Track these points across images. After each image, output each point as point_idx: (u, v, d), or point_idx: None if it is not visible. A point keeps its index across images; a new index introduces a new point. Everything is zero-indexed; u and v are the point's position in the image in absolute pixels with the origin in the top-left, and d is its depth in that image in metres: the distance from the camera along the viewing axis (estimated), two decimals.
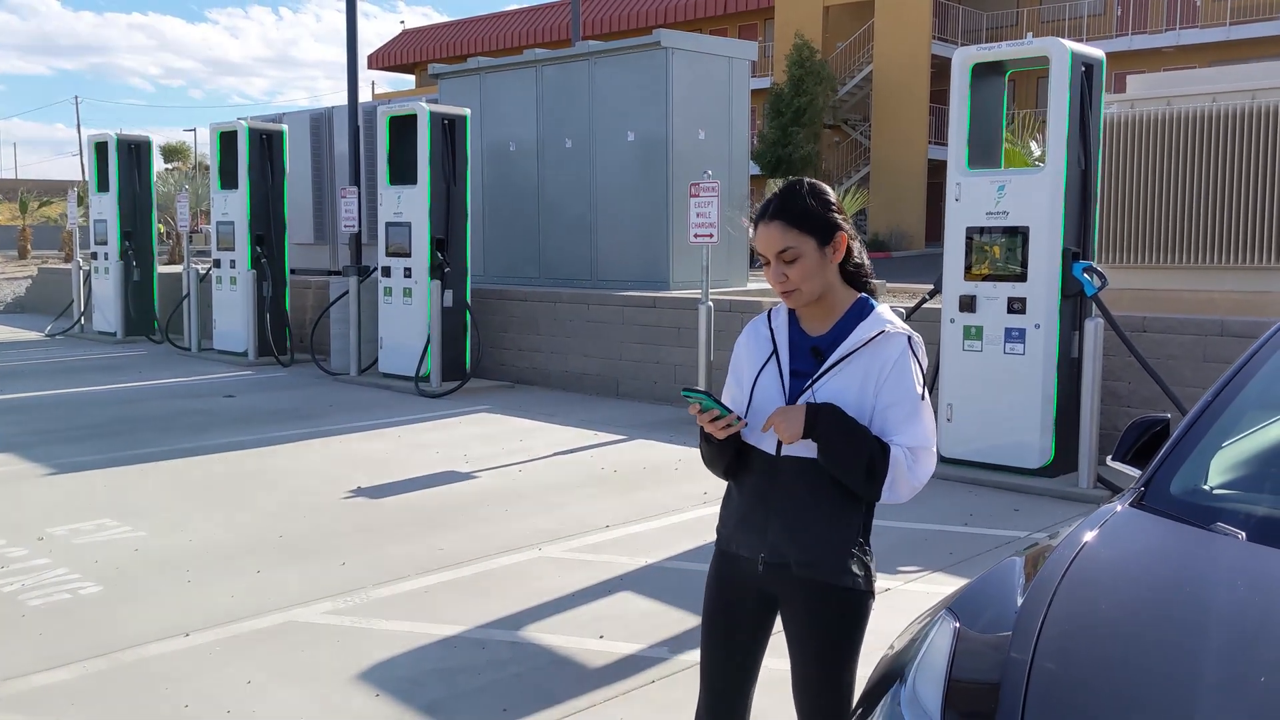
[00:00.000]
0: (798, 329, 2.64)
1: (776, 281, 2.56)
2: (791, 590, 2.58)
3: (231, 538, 6.23)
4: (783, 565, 2.56)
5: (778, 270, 2.54)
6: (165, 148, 67.09)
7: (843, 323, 2.59)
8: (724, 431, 2.53)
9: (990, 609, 2.37)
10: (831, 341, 2.58)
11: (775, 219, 2.55)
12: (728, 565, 2.71)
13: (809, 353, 2.59)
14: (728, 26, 41.04)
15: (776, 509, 2.57)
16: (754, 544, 2.61)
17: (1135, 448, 3.05)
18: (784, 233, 2.53)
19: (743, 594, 2.68)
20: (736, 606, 2.69)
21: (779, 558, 2.56)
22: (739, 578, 2.67)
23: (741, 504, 2.66)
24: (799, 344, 2.62)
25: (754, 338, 2.70)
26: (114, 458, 8.24)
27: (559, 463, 8.27)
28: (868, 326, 2.56)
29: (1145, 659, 2.11)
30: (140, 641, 4.67)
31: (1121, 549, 2.52)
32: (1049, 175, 7.38)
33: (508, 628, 4.87)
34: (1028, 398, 7.44)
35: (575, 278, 12.91)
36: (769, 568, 2.58)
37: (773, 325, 2.68)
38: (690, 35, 12.89)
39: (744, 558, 2.64)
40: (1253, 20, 30.87)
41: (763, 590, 2.64)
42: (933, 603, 5.12)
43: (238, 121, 14.11)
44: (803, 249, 2.52)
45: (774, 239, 2.54)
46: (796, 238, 2.52)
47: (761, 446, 2.59)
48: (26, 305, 21.88)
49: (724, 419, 2.52)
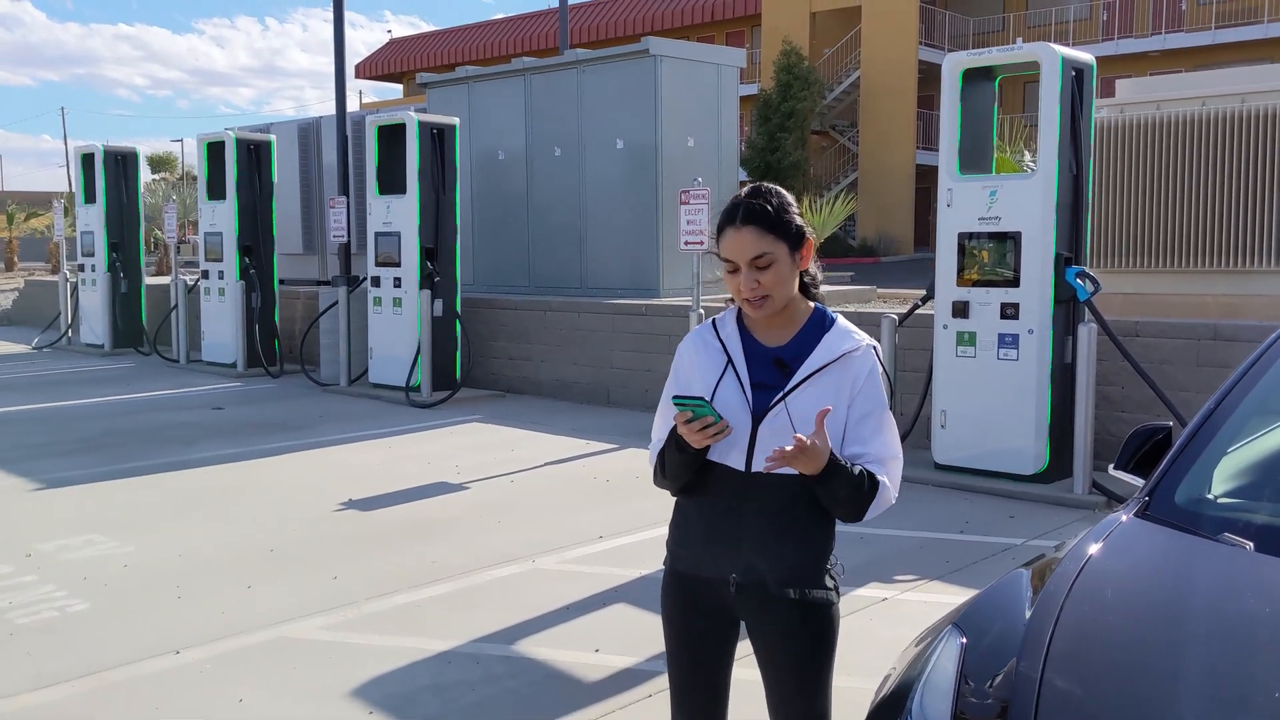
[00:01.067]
0: (751, 339, 2.56)
1: (747, 288, 2.45)
2: (764, 609, 2.51)
3: (221, 552, 6.17)
4: (758, 584, 2.49)
5: (749, 277, 2.44)
6: (152, 158, 66.96)
7: (805, 333, 2.53)
8: (710, 440, 2.41)
9: (996, 624, 2.33)
10: (795, 353, 2.51)
11: (748, 224, 2.45)
12: (688, 588, 2.60)
13: (771, 364, 2.51)
14: (715, 33, 41.11)
15: (750, 527, 2.48)
16: (722, 564, 2.51)
17: (1137, 456, 3.02)
18: (759, 238, 2.44)
19: (706, 616, 2.59)
20: (702, 630, 2.60)
21: (754, 577, 2.48)
22: (702, 600, 2.57)
23: (704, 523, 2.55)
24: (756, 354, 2.53)
25: (701, 347, 2.59)
26: (102, 472, 8.16)
27: (551, 473, 8.22)
28: (836, 340, 2.50)
29: (1156, 672, 2.08)
30: (130, 660, 4.61)
31: (1128, 561, 2.48)
32: (1041, 180, 7.36)
33: (502, 641, 4.81)
34: (1021, 404, 7.42)
35: (565, 286, 12.87)
36: (742, 588, 2.50)
37: (722, 335, 2.57)
38: (679, 43, 12.88)
39: (708, 579, 2.55)
40: (1238, 24, 31.03)
41: (729, 611, 2.56)
42: (931, 612, 5.08)
43: (225, 132, 14.04)
44: (777, 254, 2.45)
45: (748, 244, 2.44)
46: (771, 243, 2.45)
47: (727, 462, 2.50)
48: (13, 318, 21.74)
49: (714, 427, 2.39)
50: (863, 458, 2.47)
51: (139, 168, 16.68)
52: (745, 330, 2.57)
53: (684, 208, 9.57)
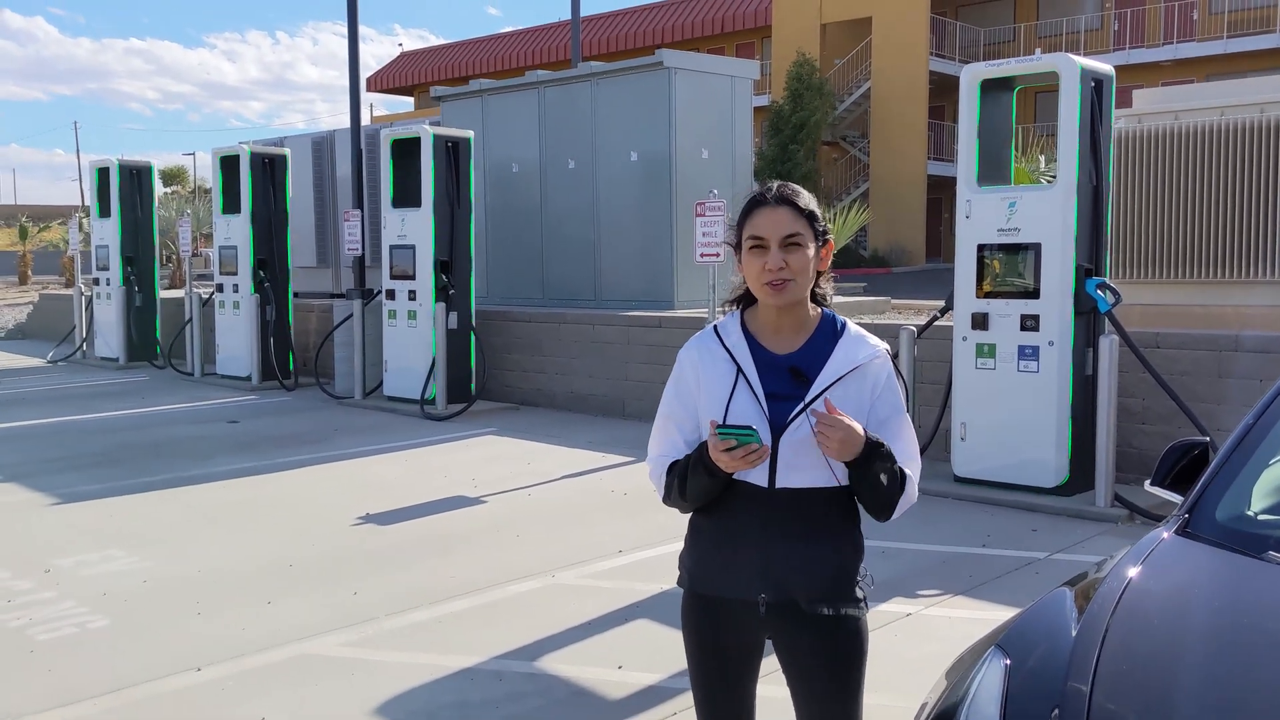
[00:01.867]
0: (758, 346, 2.49)
1: (773, 268, 2.38)
2: (795, 627, 2.45)
3: (241, 567, 6.15)
4: (789, 603, 2.43)
5: (777, 257, 2.39)
6: (164, 171, 67.21)
7: (816, 340, 2.48)
8: (751, 465, 2.34)
9: (1041, 645, 2.29)
10: (809, 360, 2.45)
11: (784, 204, 2.44)
12: (710, 610, 2.52)
13: (783, 373, 2.44)
14: (725, 45, 41.16)
15: (776, 545, 2.42)
16: (750, 585, 2.44)
17: (1174, 472, 2.98)
18: (794, 218, 2.42)
19: (732, 637, 2.52)
20: (728, 650, 2.54)
21: (783, 596, 2.42)
22: (727, 621, 2.50)
23: (726, 542, 2.47)
24: (766, 362, 2.46)
25: (707, 356, 2.50)
26: (119, 486, 8.16)
27: (568, 486, 8.19)
28: (854, 346, 2.47)
29: (1206, 692, 2.04)
30: (151, 676, 4.59)
31: (1173, 580, 2.44)
32: (1061, 191, 7.33)
33: (524, 658, 4.78)
34: (1042, 416, 7.37)
35: (579, 298, 12.86)
36: (772, 608, 2.43)
37: (727, 343, 2.49)
38: (692, 55, 12.88)
39: (733, 600, 2.48)
40: (1250, 33, 30.96)
41: (756, 630, 2.50)
42: (956, 627, 5.04)
43: (240, 146, 14.08)
44: (805, 240, 2.43)
45: (783, 221, 2.41)
46: (804, 227, 2.43)
47: (749, 478, 2.42)
48: (28, 331, 21.82)
49: (758, 452, 2.31)
50: None
51: (154, 182, 16.75)
52: (751, 337, 2.50)
53: (699, 220, 9.55)
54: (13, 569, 6.09)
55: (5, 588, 5.78)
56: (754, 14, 40.11)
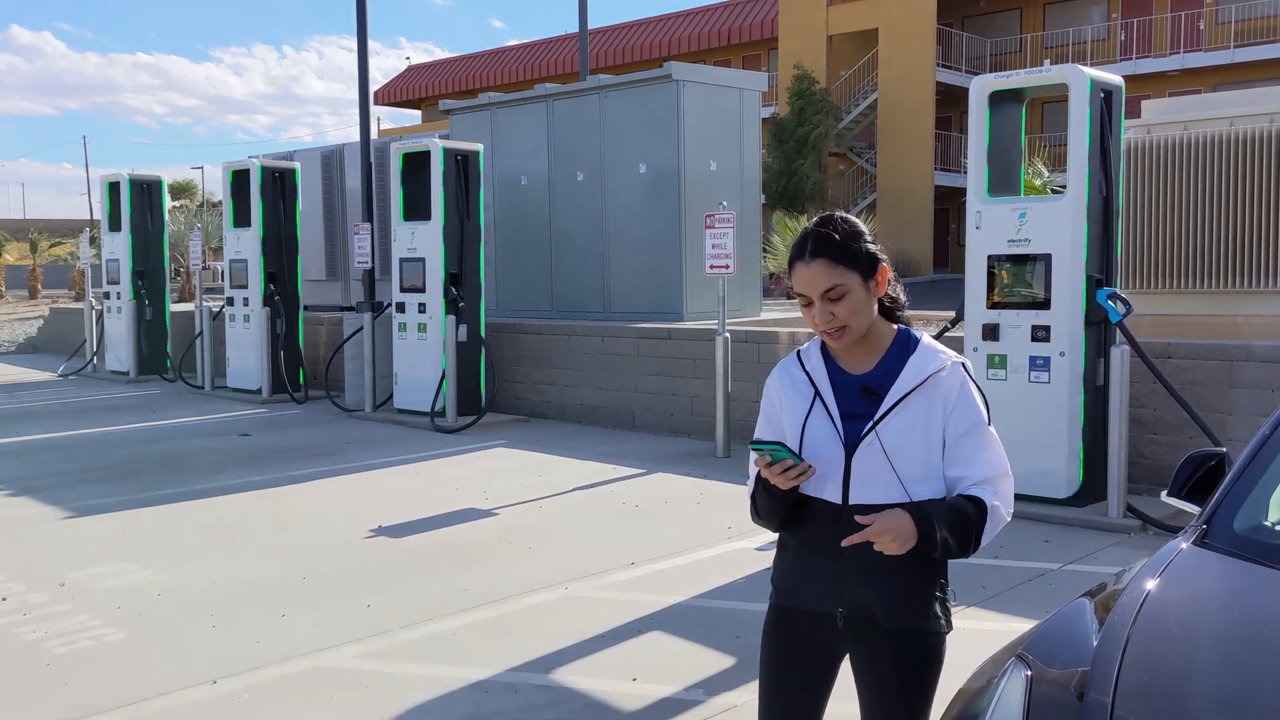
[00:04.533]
0: (836, 368, 2.53)
1: (823, 321, 2.44)
2: (872, 642, 2.47)
3: (255, 580, 6.16)
4: (867, 619, 2.46)
5: (824, 310, 2.43)
6: (172, 185, 67.43)
7: (889, 358, 2.50)
8: (795, 481, 2.39)
9: (1062, 656, 2.30)
10: (882, 379, 2.48)
11: (818, 257, 2.43)
12: (790, 622, 2.57)
13: (859, 392, 2.47)
14: (731, 57, 41.24)
15: (853, 560, 2.43)
16: (827, 599, 2.49)
17: (1190, 482, 2.98)
18: (829, 270, 2.42)
19: (810, 651, 2.56)
20: (805, 664, 2.57)
21: (862, 611, 2.46)
22: (806, 635, 2.55)
23: (805, 557, 2.53)
24: (843, 384, 2.51)
25: (788, 380, 2.57)
26: (132, 499, 8.18)
27: (580, 498, 8.20)
28: (922, 360, 2.46)
29: (1227, 703, 2.04)
30: (168, 690, 4.60)
31: (1192, 590, 2.45)
32: (1071, 202, 7.33)
33: (539, 670, 4.79)
34: (1054, 426, 7.37)
35: (588, 310, 12.89)
36: (850, 622, 2.47)
37: (807, 366, 2.55)
38: (701, 67, 12.93)
39: (813, 613, 2.52)
40: (1257, 43, 30.94)
41: (833, 645, 2.53)
42: (972, 639, 5.02)
43: (250, 160, 14.15)
44: (849, 285, 2.43)
45: (819, 278, 2.43)
46: (843, 274, 2.43)
47: (823, 495, 2.47)
48: (39, 345, 21.91)
49: (796, 469, 2.37)
50: (965, 480, 2.43)
51: (164, 196, 16.84)
52: (830, 359, 2.55)
53: (709, 232, 9.58)
54: (28, 582, 6.12)
55: (22, 601, 5.80)
56: (760, 26, 40.18)
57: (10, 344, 22.21)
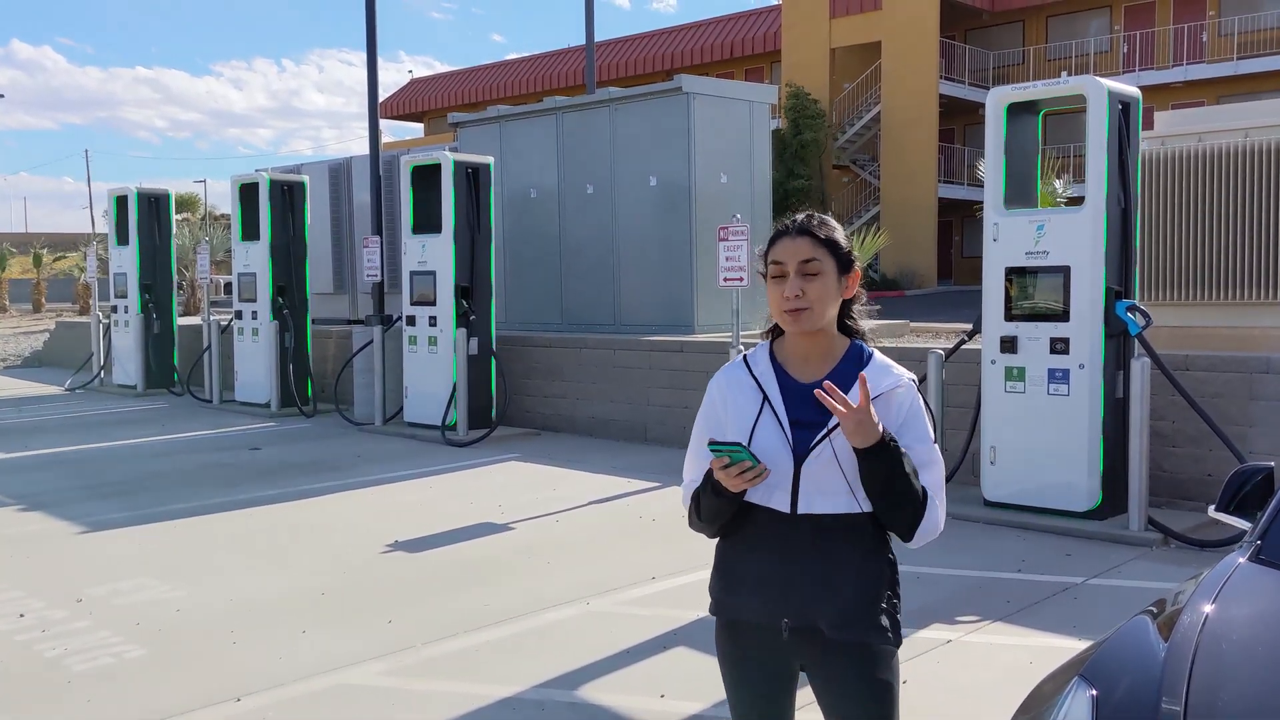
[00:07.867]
0: (785, 374, 2.51)
1: (791, 294, 2.42)
2: (820, 653, 2.44)
3: (273, 596, 6.12)
4: (810, 629, 2.42)
5: (795, 284, 2.43)
6: (177, 199, 67.51)
7: (842, 368, 2.48)
8: (749, 484, 2.35)
9: (1129, 674, 2.26)
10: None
11: (804, 234, 2.49)
12: (739, 636, 2.54)
13: (809, 400, 2.43)
14: (735, 70, 41.34)
15: (800, 569, 2.41)
16: (772, 609, 2.44)
17: (1238, 498, 2.95)
18: (813, 246, 2.47)
19: (762, 663, 2.52)
20: (758, 677, 2.53)
21: (805, 621, 2.42)
22: (755, 647, 2.51)
23: (750, 567, 2.48)
24: (792, 390, 2.48)
25: (734, 385, 2.54)
26: (146, 514, 8.14)
27: (596, 512, 8.16)
28: (876, 375, 2.45)
29: None
30: (192, 707, 4.56)
31: (1256, 607, 2.41)
32: (1089, 214, 7.31)
33: (565, 687, 4.75)
34: (1074, 439, 7.33)
35: (598, 323, 12.86)
36: (795, 633, 2.43)
37: (755, 372, 2.52)
38: (711, 80, 12.94)
39: (758, 625, 2.48)
40: (1261, 54, 30.98)
41: (784, 657, 2.49)
42: (997, 654, 4.99)
43: (259, 173, 14.15)
44: (825, 267, 2.46)
45: (801, 248, 2.46)
46: (823, 255, 2.47)
47: (771, 504, 2.44)
48: (44, 359, 21.87)
49: (752, 470, 2.33)
50: None
51: (171, 210, 16.83)
52: (779, 365, 2.53)
53: (722, 244, 9.55)
54: (46, 598, 6.08)
55: (40, 617, 5.76)
56: (764, 39, 40.27)
57: (16, 358, 22.18)
